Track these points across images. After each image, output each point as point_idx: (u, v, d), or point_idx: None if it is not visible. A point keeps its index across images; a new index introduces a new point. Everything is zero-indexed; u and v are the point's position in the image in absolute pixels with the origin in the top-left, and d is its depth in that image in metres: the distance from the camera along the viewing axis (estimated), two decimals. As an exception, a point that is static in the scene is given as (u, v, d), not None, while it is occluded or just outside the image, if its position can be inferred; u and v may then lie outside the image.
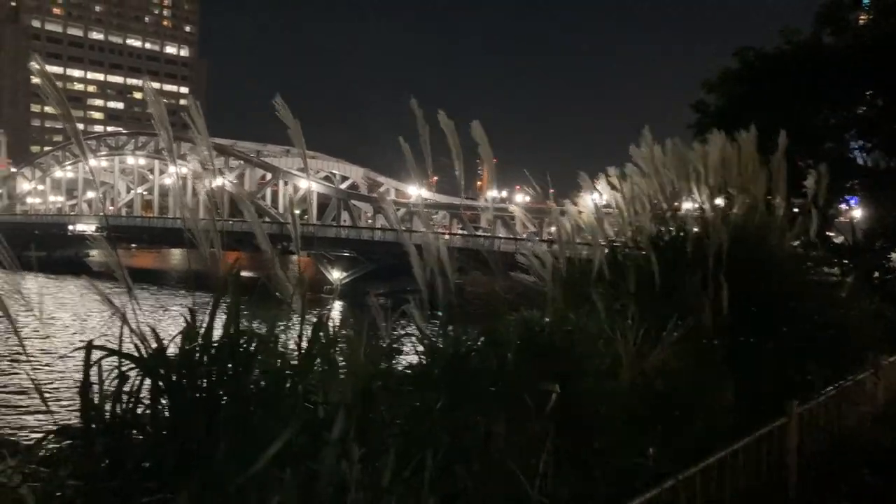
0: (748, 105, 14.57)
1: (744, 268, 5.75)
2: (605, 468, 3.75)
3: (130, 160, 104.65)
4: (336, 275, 65.91)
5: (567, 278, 5.13)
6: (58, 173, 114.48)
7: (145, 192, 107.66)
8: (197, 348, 2.88)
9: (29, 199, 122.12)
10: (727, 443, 4.36)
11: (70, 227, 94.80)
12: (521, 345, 3.89)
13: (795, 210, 7.67)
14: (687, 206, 6.60)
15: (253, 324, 3.06)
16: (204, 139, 3.21)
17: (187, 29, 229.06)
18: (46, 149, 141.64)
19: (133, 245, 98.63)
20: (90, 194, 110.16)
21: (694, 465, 4.09)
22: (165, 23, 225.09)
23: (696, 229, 6.10)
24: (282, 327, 3.15)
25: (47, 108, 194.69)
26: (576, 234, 5.54)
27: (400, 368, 3.79)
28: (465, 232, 65.86)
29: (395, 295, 3.81)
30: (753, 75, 16.90)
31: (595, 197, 6.28)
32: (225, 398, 2.88)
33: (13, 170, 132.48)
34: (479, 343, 3.96)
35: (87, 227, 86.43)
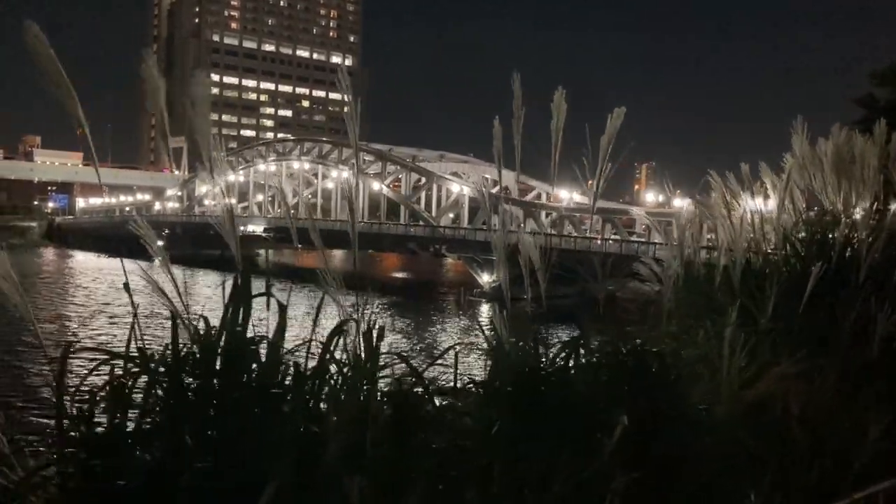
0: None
1: None
2: None
3: (296, 165, 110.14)
4: (486, 278, 66.39)
5: (691, 289, 4.64)
6: (231, 177, 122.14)
7: (310, 196, 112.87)
8: (197, 351, 2.76)
9: (206, 202, 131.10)
10: (861, 486, 3.68)
11: (241, 228, 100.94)
12: (598, 364, 3.46)
13: None
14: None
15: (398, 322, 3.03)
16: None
17: (351, 39, 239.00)
18: (223, 154, 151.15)
19: (298, 245, 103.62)
20: (259, 197, 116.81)
21: None
22: (331, 34, 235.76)
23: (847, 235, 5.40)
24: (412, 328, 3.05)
25: (224, 117, 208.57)
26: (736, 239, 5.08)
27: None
28: (619, 237, 64.32)
29: (545, 300, 3.58)
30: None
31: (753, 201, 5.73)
32: (212, 412, 2.73)
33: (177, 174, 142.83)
34: (561, 359, 3.46)
35: (256, 228, 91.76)
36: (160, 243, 3.02)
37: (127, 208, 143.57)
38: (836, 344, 4.58)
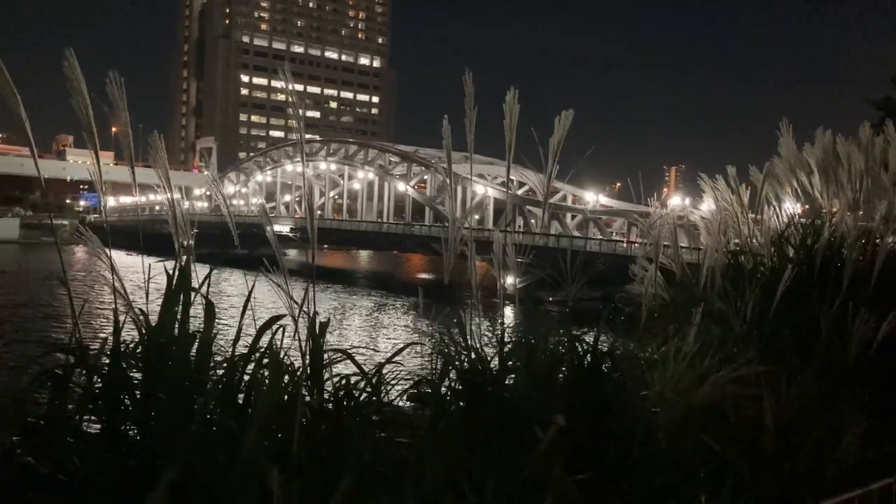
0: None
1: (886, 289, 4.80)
2: None
3: (323, 165, 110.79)
4: (510, 280, 66.17)
5: (671, 290, 4.55)
6: (258, 177, 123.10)
7: (336, 196, 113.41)
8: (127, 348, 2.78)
9: (234, 201, 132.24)
10: (831, 493, 3.49)
11: (268, 228, 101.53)
12: (549, 365, 3.34)
13: None
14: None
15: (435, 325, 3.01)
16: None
17: (379, 40, 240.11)
18: (251, 154, 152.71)
19: (325, 245, 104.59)
20: (287, 197, 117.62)
21: None
22: (360, 35, 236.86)
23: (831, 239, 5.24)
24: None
25: (253, 117, 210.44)
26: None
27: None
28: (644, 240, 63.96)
29: (573, 303, 3.56)
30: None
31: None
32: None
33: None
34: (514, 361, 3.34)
35: (282, 228, 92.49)
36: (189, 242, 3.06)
37: (157, 207, 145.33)
38: (809, 347, 4.41)
